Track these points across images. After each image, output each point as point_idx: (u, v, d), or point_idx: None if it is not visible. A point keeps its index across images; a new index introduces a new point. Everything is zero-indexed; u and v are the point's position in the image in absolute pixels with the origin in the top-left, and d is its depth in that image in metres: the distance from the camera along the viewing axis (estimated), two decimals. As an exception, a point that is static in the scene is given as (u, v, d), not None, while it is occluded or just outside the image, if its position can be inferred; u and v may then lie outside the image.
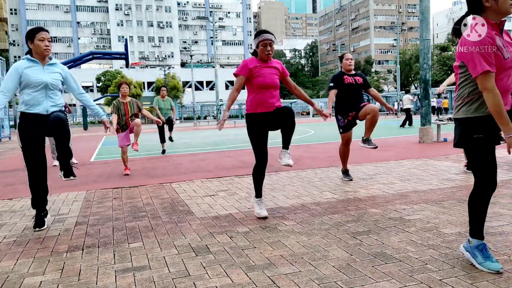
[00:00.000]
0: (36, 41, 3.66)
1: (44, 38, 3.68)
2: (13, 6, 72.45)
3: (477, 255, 2.49)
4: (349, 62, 5.54)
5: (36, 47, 3.67)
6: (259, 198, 3.96)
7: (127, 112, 6.99)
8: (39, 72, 3.70)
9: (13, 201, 5.17)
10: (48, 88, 3.72)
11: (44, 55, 3.72)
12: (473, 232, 2.53)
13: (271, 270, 2.60)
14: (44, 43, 3.67)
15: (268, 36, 3.77)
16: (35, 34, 3.67)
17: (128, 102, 7.04)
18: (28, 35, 3.71)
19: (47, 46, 3.70)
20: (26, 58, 3.73)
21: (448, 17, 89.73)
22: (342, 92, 5.42)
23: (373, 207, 4.05)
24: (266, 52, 3.76)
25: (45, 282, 2.59)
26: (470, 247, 2.55)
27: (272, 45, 3.78)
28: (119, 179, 6.59)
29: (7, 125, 22.16)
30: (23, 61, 3.73)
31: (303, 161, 7.79)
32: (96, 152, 12.29)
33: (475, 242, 2.52)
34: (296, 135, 15.89)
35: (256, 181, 3.94)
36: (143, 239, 3.38)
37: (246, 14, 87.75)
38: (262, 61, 3.84)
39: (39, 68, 3.72)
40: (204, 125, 37.56)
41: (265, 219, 3.80)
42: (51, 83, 3.72)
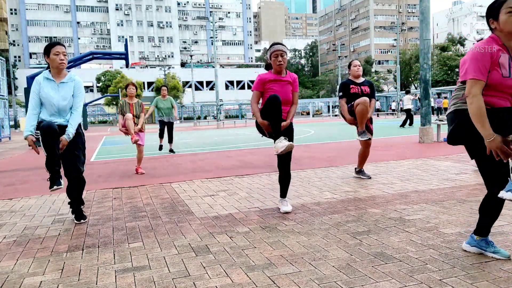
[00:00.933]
0: (51, 56, 3.80)
1: (59, 52, 3.80)
2: (13, 6, 72.45)
3: (486, 246, 2.63)
4: (357, 69, 5.62)
5: (51, 61, 3.81)
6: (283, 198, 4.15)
7: (133, 113, 7.04)
8: (53, 92, 3.82)
9: (13, 201, 5.17)
10: (60, 106, 3.85)
11: (59, 68, 3.85)
12: (479, 231, 2.66)
13: (271, 270, 2.60)
14: (59, 57, 3.80)
15: (279, 47, 3.88)
16: (51, 49, 3.80)
17: (134, 104, 7.10)
18: (45, 50, 3.85)
19: (61, 60, 3.82)
20: (44, 76, 3.87)
21: (448, 17, 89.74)
22: (348, 100, 5.50)
23: (373, 207, 4.05)
24: (278, 63, 3.85)
25: (45, 282, 2.59)
26: (476, 241, 2.67)
27: (284, 56, 3.87)
28: (119, 179, 6.59)
29: (7, 125, 22.17)
30: (41, 77, 3.87)
31: (303, 161, 7.79)
32: (96, 152, 12.30)
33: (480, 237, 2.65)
34: (296, 135, 15.89)
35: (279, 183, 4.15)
36: (143, 239, 3.38)
37: (246, 14, 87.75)
38: (276, 73, 3.94)
39: (54, 87, 3.84)
40: (204, 125, 37.57)
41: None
42: (62, 106, 3.84)
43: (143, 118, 7.20)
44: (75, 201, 4.10)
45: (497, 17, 2.38)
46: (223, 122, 32.42)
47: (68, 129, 3.80)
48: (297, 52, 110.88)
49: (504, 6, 2.35)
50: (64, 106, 3.85)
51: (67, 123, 3.87)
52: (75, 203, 4.09)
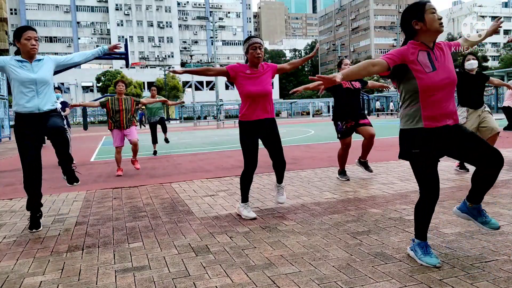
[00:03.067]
0: (22, 40, 3.67)
1: (31, 37, 3.67)
2: (13, 6, 72.41)
3: (418, 250, 2.65)
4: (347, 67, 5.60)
5: (22, 46, 3.69)
6: (245, 203, 3.97)
7: (121, 108, 7.01)
8: (28, 69, 3.70)
9: (13, 201, 5.17)
10: (37, 85, 3.71)
11: (31, 54, 3.72)
12: (418, 234, 2.69)
13: (271, 270, 2.60)
14: (30, 42, 3.67)
15: (257, 40, 3.86)
16: (22, 33, 3.68)
17: (123, 99, 7.09)
18: (15, 35, 3.72)
19: (33, 45, 3.69)
20: (14, 58, 3.74)
21: (448, 17, 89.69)
22: (340, 97, 5.50)
23: (373, 207, 4.05)
24: (257, 55, 3.81)
25: (45, 282, 2.59)
26: (413, 244, 2.71)
27: (261, 48, 3.84)
28: (119, 179, 6.59)
29: (7, 125, 22.16)
30: (10, 58, 3.75)
31: (303, 161, 7.79)
32: (96, 152, 12.29)
33: (417, 241, 2.69)
34: (296, 135, 15.90)
35: (244, 186, 3.99)
36: (143, 239, 3.38)
37: (246, 14, 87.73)
38: (253, 67, 3.89)
39: (28, 66, 3.72)
40: (204, 125, 37.57)
41: (254, 220, 3.78)
42: (39, 79, 3.71)
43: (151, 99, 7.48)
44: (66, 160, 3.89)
45: (423, 18, 2.53)
46: (223, 122, 32.42)
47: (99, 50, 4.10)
48: (297, 52, 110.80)
49: (427, 7, 2.54)
50: (44, 82, 3.72)
51: (50, 108, 3.76)
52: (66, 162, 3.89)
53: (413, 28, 2.56)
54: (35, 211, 3.84)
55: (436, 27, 2.52)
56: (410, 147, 2.57)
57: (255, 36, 3.94)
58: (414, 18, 2.55)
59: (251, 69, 3.89)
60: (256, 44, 3.82)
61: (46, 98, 3.76)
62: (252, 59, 3.85)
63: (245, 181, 3.97)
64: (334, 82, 2.36)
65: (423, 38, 2.56)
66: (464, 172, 5.71)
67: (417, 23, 2.54)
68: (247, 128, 3.88)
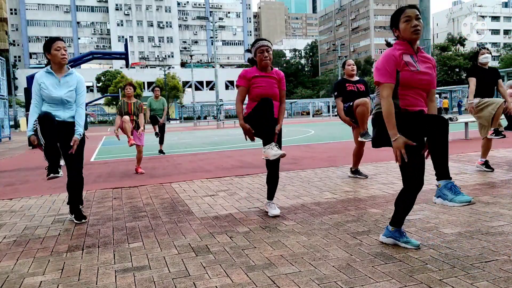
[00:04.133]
0: (53, 51, 3.78)
1: (60, 48, 3.80)
2: (13, 6, 72.44)
3: (399, 236, 2.84)
4: (351, 68, 5.63)
5: (53, 57, 3.80)
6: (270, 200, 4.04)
7: (131, 112, 7.13)
8: (55, 86, 3.83)
9: (13, 201, 5.17)
10: (63, 102, 3.86)
11: (61, 64, 3.85)
12: (394, 222, 2.82)
13: (271, 270, 2.60)
14: (60, 52, 3.80)
15: (265, 43, 3.79)
16: (51, 44, 3.79)
17: (133, 103, 7.20)
18: (45, 47, 3.83)
19: (63, 55, 3.82)
20: (45, 71, 3.86)
21: (448, 17, 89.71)
22: (345, 99, 5.49)
23: (373, 207, 4.05)
24: (264, 58, 3.75)
25: (45, 282, 2.59)
26: (391, 232, 2.87)
27: (269, 51, 3.78)
28: (119, 179, 6.59)
29: (7, 125, 22.16)
30: (42, 73, 3.87)
31: (303, 161, 7.79)
32: (96, 152, 12.30)
33: (393, 229, 2.86)
34: (296, 135, 15.89)
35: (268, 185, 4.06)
36: (143, 239, 3.38)
37: (246, 14, 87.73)
38: (261, 70, 3.84)
39: (55, 82, 3.84)
40: (204, 125, 37.56)
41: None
42: (65, 98, 3.85)
43: (143, 118, 7.25)
44: (76, 201, 4.09)
45: (398, 26, 2.67)
46: (223, 122, 32.42)
47: (78, 128, 3.90)
48: (297, 52, 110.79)
49: (402, 15, 2.65)
50: (67, 98, 3.85)
51: (70, 119, 3.90)
52: (75, 202, 4.08)
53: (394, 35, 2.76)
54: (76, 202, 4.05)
55: (409, 36, 2.64)
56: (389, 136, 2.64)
57: (263, 39, 3.87)
58: (392, 25, 2.72)
59: (260, 72, 3.83)
60: (263, 47, 3.76)
61: (71, 112, 3.93)
62: (260, 62, 3.79)
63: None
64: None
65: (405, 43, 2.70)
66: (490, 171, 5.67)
67: (395, 30, 2.71)
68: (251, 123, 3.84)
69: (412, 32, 2.62)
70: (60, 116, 3.85)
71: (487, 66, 5.69)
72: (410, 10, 2.64)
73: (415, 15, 2.63)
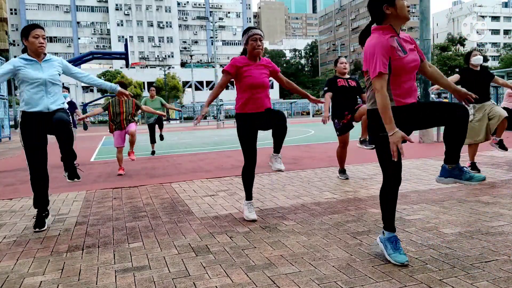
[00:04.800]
0: (30, 38, 3.66)
1: (39, 35, 3.67)
2: (13, 6, 72.42)
3: (388, 246, 2.68)
4: (344, 66, 5.65)
5: (30, 44, 3.67)
6: (249, 200, 3.90)
7: (122, 111, 7.06)
8: (37, 69, 3.70)
9: (13, 201, 5.17)
10: (47, 85, 3.72)
11: (38, 52, 3.71)
12: (386, 225, 2.74)
13: (271, 270, 2.60)
14: (38, 40, 3.66)
15: (258, 31, 3.75)
16: (30, 31, 3.66)
17: (124, 101, 7.11)
18: (23, 33, 3.70)
19: (41, 43, 3.68)
20: (22, 57, 3.73)
21: (448, 17, 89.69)
22: (335, 95, 5.53)
23: (373, 207, 4.05)
24: (257, 46, 3.70)
25: (45, 282, 2.59)
26: (383, 238, 2.75)
27: (261, 40, 3.73)
28: (119, 179, 6.59)
29: (7, 125, 22.15)
30: (18, 59, 3.73)
31: (303, 161, 7.79)
32: (96, 152, 12.29)
33: (387, 234, 2.73)
34: (296, 135, 15.89)
35: (246, 183, 3.90)
36: (143, 239, 3.38)
37: (246, 14, 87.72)
38: (251, 59, 3.78)
39: (36, 65, 3.72)
40: (204, 125, 37.56)
41: (253, 222, 3.73)
42: (49, 79, 3.72)
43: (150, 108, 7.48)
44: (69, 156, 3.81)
45: (393, 3, 2.56)
46: (223, 122, 32.41)
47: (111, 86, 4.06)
48: (297, 52, 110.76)
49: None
50: (52, 81, 3.74)
51: (58, 107, 3.77)
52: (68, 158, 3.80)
53: (383, 12, 2.59)
54: (42, 210, 3.85)
55: (406, 14, 2.58)
56: (378, 130, 2.61)
57: (255, 27, 3.81)
58: (385, 2, 2.59)
59: (250, 61, 3.77)
60: (256, 36, 3.70)
61: (55, 98, 3.79)
62: (252, 50, 3.73)
63: (246, 177, 3.87)
64: None
65: (392, 22, 2.61)
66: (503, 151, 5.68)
67: (388, 7, 2.58)
68: (245, 120, 3.77)
69: (408, 11, 2.58)
70: (44, 104, 3.69)
71: (478, 68, 5.65)
72: None
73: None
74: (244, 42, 3.79)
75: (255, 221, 3.76)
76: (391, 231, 2.73)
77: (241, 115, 3.79)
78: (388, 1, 2.58)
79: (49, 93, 3.74)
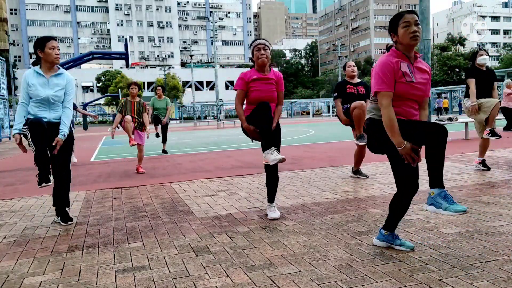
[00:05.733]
0: (47, 50, 3.72)
1: (54, 47, 3.75)
2: (13, 6, 72.43)
3: (393, 239, 2.83)
4: (352, 69, 5.64)
5: (47, 55, 3.73)
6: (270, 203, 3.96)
7: (133, 111, 7.08)
8: (43, 86, 3.76)
9: (13, 201, 5.17)
10: (50, 102, 3.79)
11: (54, 63, 3.80)
12: (388, 227, 2.81)
13: (271, 270, 2.60)
14: (54, 51, 3.74)
15: (262, 41, 3.78)
16: (46, 43, 3.73)
17: (136, 102, 7.16)
18: (39, 44, 3.75)
19: (57, 55, 3.78)
20: (34, 70, 3.80)
21: (448, 17, 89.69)
22: (344, 101, 5.53)
23: (373, 207, 4.05)
24: (261, 55, 3.70)
25: (45, 282, 2.59)
26: (384, 235, 2.86)
27: (266, 50, 3.73)
28: (119, 179, 6.59)
29: (7, 125, 22.16)
30: (32, 72, 3.79)
31: (303, 161, 7.79)
32: (96, 152, 12.30)
33: (386, 233, 2.85)
34: (296, 135, 15.89)
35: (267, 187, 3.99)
36: (143, 239, 3.38)
37: (246, 14, 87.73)
38: (260, 71, 3.79)
39: (44, 81, 3.78)
40: (204, 125, 37.55)
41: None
42: (52, 97, 3.78)
43: (147, 117, 7.25)
44: (62, 202, 4.02)
45: (396, 31, 2.64)
46: (223, 122, 32.42)
47: (63, 128, 3.79)
48: (297, 52, 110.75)
49: (401, 21, 2.63)
50: (55, 99, 3.78)
51: (57, 120, 3.81)
52: (61, 204, 4.01)
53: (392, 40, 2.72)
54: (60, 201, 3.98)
55: (407, 41, 2.62)
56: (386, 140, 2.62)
57: (261, 38, 3.87)
58: (391, 30, 2.70)
59: (258, 74, 3.78)
60: (260, 45, 3.73)
61: (58, 113, 3.85)
62: (256, 60, 3.75)
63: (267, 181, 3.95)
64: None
65: (401, 49, 2.67)
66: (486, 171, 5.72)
67: (393, 35, 2.68)
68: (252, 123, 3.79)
69: (410, 38, 2.59)
70: (46, 117, 3.77)
71: (484, 68, 5.69)
72: (409, 16, 2.61)
73: (414, 21, 2.60)
74: (251, 54, 3.84)
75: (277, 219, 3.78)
76: (391, 231, 2.83)
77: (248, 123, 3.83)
78: (393, 29, 2.69)
79: (52, 108, 3.82)
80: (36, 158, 3.73)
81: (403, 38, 2.62)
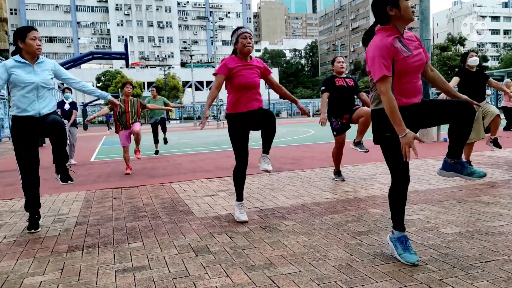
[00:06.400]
0: (28, 40, 3.60)
1: (36, 37, 3.63)
2: (13, 6, 72.41)
3: (398, 246, 2.67)
4: (341, 65, 5.60)
5: (28, 46, 3.61)
6: (240, 201, 3.87)
7: (128, 110, 7.11)
8: (29, 72, 3.64)
9: (13, 201, 5.17)
10: (39, 89, 3.66)
11: (36, 54, 3.67)
12: (395, 225, 2.73)
13: (271, 270, 2.60)
14: (36, 42, 3.62)
15: (247, 30, 3.75)
16: (27, 33, 3.60)
17: (130, 100, 7.20)
18: (19, 34, 3.62)
19: (39, 45, 3.64)
20: (14, 59, 3.66)
21: (448, 17, 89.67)
22: (334, 94, 5.47)
23: (373, 207, 4.05)
24: (247, 44, 3.68)
25: (45, 282, 2.59)
26: (393, 238, 2.73)
27: (251, 38, 3.72)
28: (119, 179, 6.59)
29: (7, 125, 22.15)
30: (11, 60, 3.66)
31: (303, 161, 7.79)
32: (96, 152, 12.30)
33: (397, 233, 2.71)
34: (296, 135, 15.89)
35: (237, 183, 3.90)
36: (143, 239, 3.38)
37: (246, 14, 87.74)
38: (242, 59, 3.77)
39: (29, 68, 3.66)
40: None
41: (244, 223, 3.70)
42: (41, 83, 3.66)
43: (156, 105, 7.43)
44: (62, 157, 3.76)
45: (397, 5, 2.54)
46: (223, 122, 32.40)
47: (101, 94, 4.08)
48: (297, 52, 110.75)
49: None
50: (43, 84, 3.67)
51: (48, 111, 3.71)
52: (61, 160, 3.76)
53: (387, 13, 2.57)
54: (34, 212, 3.82)
55: (410, 15, 2.56)
56: (382, 131, 2.62)
57: (244, 27, 3.82)
58: (389, 3, 2.56)
59: (241, 61, 3.75)
60: (246, 34, 3.69)
61: (46, 102, 3.73)
62: (242, 48, 3.70)
63: (237, 177, 3.90)
64: None
65: (395, 23, 2.59)
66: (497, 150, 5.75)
67: (391, 9, 2.55)
68: (236, 120, 3.76)
69: (412, 12, 2.55)
70: (35, 108, 3.64)
71: (474, 69, 5.67)
72: None
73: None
74: (234, 42, 3.78)
75: (246, 222, 3.71)
76: (401, 231, 2.70)
77: (233, 115, 3.78)
78: (391, 2, 2.55)
79: (41, 97, 3.68)
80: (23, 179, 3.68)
81: (406, 11, 2.53)
